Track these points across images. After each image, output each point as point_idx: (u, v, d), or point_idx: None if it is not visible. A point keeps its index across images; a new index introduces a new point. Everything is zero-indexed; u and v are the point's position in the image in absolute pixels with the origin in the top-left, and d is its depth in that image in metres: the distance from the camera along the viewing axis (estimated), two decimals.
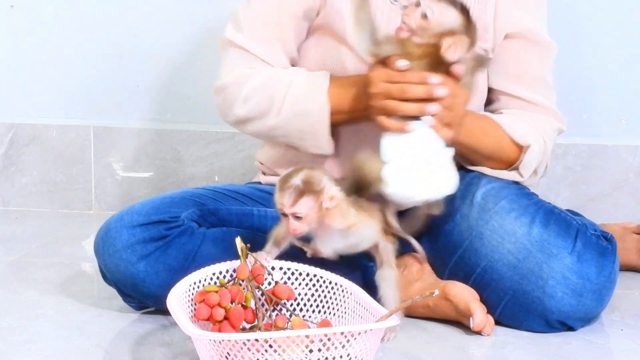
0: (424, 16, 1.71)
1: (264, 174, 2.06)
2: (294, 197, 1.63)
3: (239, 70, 1.91)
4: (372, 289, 1.74)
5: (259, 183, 2.06)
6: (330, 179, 1.68)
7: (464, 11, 1.72)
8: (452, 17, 1.71)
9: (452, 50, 1.70)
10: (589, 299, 1.80)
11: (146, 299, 1.84)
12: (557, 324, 1.81)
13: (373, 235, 1.74)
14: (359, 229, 1.71)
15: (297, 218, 1.65)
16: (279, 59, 1.92)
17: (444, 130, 1.74)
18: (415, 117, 1.73)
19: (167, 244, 1.81)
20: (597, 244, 1.82)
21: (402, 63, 1.72)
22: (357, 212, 1.71)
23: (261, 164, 2.07)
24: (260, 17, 1.92)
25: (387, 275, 1.76)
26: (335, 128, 1.88)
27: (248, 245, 1.69)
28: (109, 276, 1.85)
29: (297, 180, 1.64)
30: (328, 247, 1.72)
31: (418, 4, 1.71)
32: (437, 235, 1.91)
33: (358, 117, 1.85)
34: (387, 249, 1.77)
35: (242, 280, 1.66)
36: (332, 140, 1.88)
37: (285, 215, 1.65)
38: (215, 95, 1.95)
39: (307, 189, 1.64)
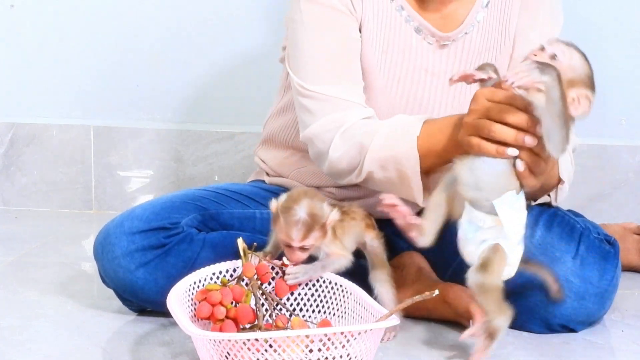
0: (553, 57, 1.54)
1: (268, 174, 2.05)
2: (304, 232, 1.64)
3: (326, 118, 1.80)
4: (370, 288, 1.74)
5: (263, 182, 2.06)
6: (327, 203, 1.69)
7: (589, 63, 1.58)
8: (580, 64, 1.56)
9: (574, 106, 1.56)
10: (591, 302, 1.79)
11: (145, 304, 1.84)
12: (558, 327, 1.81)
13: (358, 236, 1.76)
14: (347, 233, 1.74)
15: (303, 250, 1.66)
16: (357, 94, 1.83)
17: (530, 179, 1.59)
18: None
19: (167, 252, 1.80)
20: (600, 247, 1.81)
21: (511, 80, 1.52)
22: (341, 219, 1.71)
23: (262, 161, 2.06)
24: (324, 59, 1.82)
25: (380, 275, 1.77)
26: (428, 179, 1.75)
27: (255, 244, 1.69)
28: (108, 281, 1.85)
29: (302, 212, 1.64)
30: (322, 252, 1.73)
31: (543, 49, 1.55)
32: (441, 235, 1.90)
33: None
34: (374, 247, 1.77)
35: (243, 280, 1.66)
36: (424, 190, 1.74)
37: (289, 246, 1.66)
38: (308, 144, 1.84)
39: (315, 222, 1.65)
